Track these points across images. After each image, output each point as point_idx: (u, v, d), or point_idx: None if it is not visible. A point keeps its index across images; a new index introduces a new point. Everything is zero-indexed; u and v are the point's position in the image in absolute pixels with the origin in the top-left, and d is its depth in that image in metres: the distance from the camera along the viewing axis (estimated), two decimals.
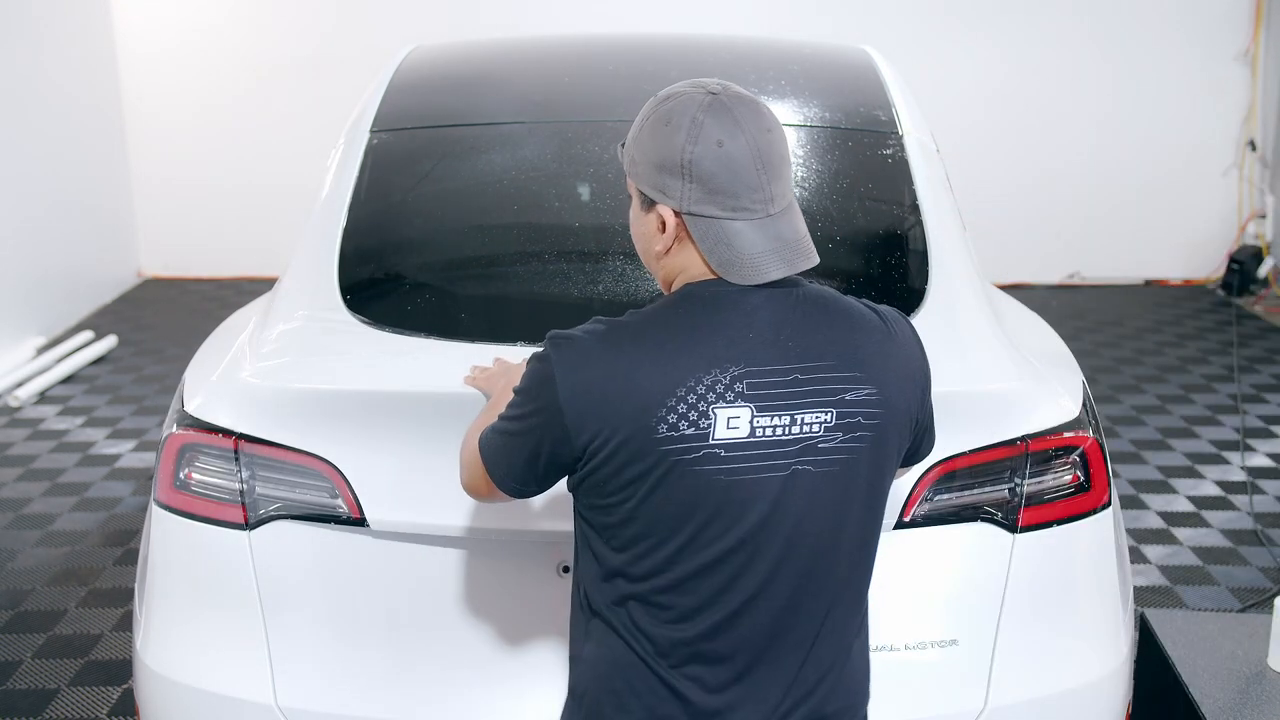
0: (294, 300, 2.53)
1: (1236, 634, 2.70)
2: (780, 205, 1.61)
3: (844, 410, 1.62)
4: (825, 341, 1.63)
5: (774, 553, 1.63)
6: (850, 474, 1.65)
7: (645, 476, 1.59)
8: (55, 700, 3.33)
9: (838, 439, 1.62)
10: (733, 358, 1.59)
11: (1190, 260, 7.74)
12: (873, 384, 1.64)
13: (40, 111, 6.59)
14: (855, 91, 3.10)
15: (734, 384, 1.59)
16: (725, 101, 1.60)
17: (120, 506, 4.50)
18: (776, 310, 1.63)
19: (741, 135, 1.58)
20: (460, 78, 3.26)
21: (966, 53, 7.42)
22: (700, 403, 1.58)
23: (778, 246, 1.60)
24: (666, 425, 1.57)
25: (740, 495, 1.60)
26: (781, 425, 1.60)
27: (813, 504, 1.63)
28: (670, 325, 1.62)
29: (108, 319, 6.92)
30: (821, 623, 1.69)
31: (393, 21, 7.31)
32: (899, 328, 1.72)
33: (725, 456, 1.59)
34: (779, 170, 1.61)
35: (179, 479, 2.25)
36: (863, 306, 1.71)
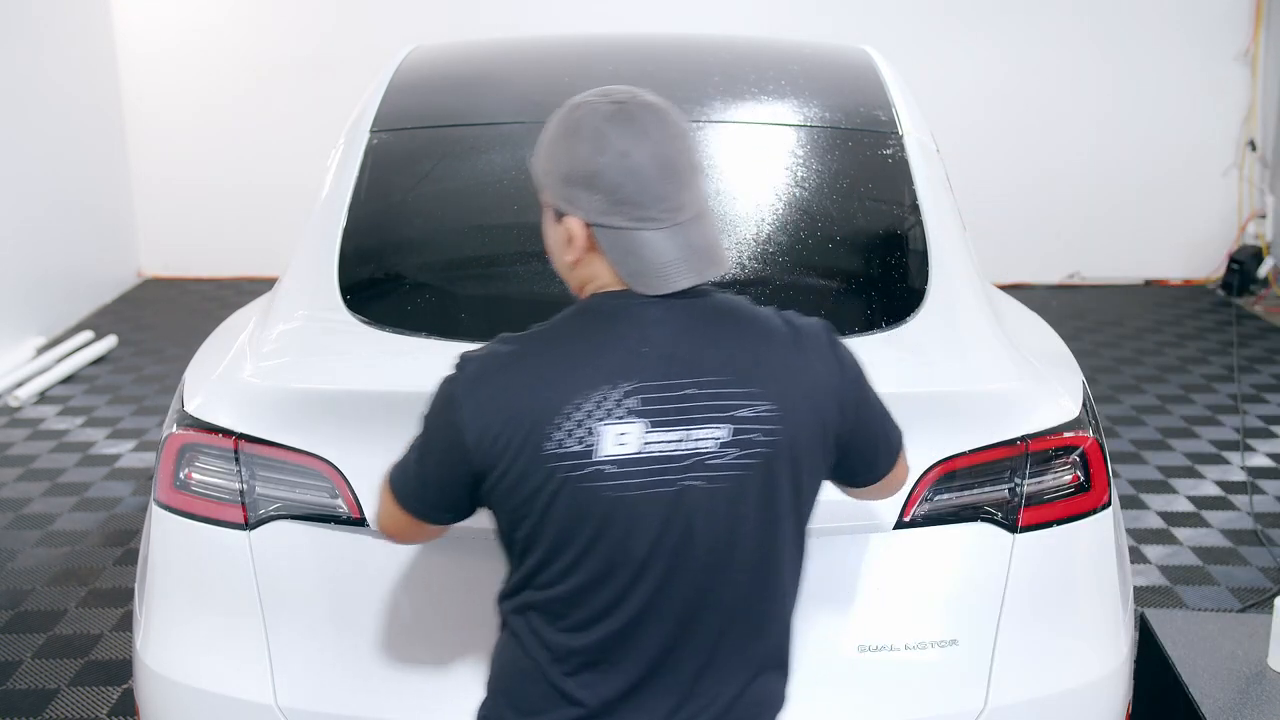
0: (294, 300, 2.53)
1: (1236, 634, 2.70)
2: (689, 213, 1.60)
3: (739, 426, 1.59)
4: (723, 356, 1.61)
5: (664, 569, 1.62)
6: (744, 491, 1.61)
7: (539, 493, 1.60)
8: (55, 700, 3.33)
9: (731, 455, 1.60)
10: (624, 373, 1.59)
11: (1190, 260, 7.74)
12: (771, 399, 1.60)
13: (40, 111, 6.59)
14: (855, 91, 3.10)
15: (624, 400, 1.58)
16: (631, 110, 1.60)
17: (120, 506, 4.50)
18: (675, 323, 1.62)
19: (647, 144, 1.58)
20: (460, 78, 3.26)
21: (966, 53, 7.42)
22: (588, 419, 1.58)
23: (686, 255, 1.60)
24: (553, 442, 1.58)
25: (628, 511, 1.60)
26: (672, 441, 1.59)
27: (705, 521, 1.61)
28: (564, 341, 1.63)
29: (108, 319, 6.92)
30: (715, 642, 1.66)
31: (393, 21, 7.30)
32: (811, 341, 1.67)
33: (612, 473, 1.58)
34: (687, 178, 1.60)
35: (179, 479, 2.25)
36: (775, 318, 1.68)
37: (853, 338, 2.38)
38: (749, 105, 3.01)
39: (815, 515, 2.09)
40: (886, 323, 2.42)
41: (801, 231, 2.66)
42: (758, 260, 2.57)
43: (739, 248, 2.59)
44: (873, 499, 1.93)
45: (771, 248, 2.61)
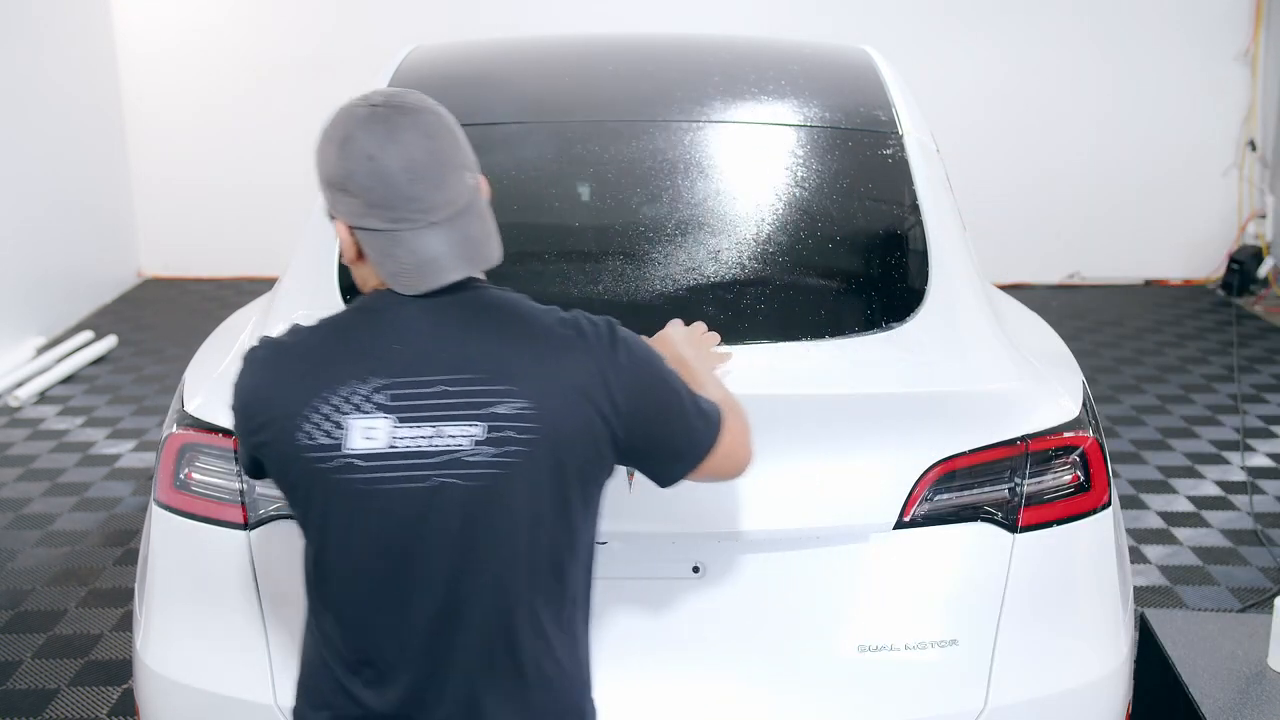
0: (294, 300, 2.53)
1: (1236, 634, 2.70)
2: (444, 214, 1.61)
3: (493, 424, 1.59)
4: (479, 352, 1.61)
5: (424, 565, 1.63)
6: (504, 490, 1.61)
7: (297, 484, 1.64)
8: (55, 700, 3.33)
9: (488, 453, 1.59)
10: (374, 369, 1.61)
11: (1190, 260, 7.74)
12: (526, 397, 1.59)
13: (40, 111, 6.59)
14: (855, 91, 3.10)
15: (373, 395, 1.60)
16: (383, 114, 1.61)
17: (120, 506, 4.50)
18: (432, 321, 1.63)
19: (394, 147, 1.58)
20: (460, 78, 3.26)
21: (966, 53, 7.42)
22: (335, 413, 1.60)
23: (439, 254, 1.61)
24: (304, 434, 1.61)
25: (380, 505, 1.61)
26: (424, 437, 1.59)
27: (462, 519, 1.61)
28: (324, 337, 1.67)
29: (108, 319, 6.92)
30: (482, 643, 1.65)
31: (393, 21, 7.30)
32: (584, 338, 1.65)
33: (362, 466, 1.60)
34: (439, 179, 1.60)
35: (179, 479, 2.25)
36: (545, 316, 1.67)
37: (853, 337, 2.39)
38: (749, 105, 3.01)
39: (814, 515, 2.10)
40: (887, 323, 2.42)
41: (802, 231, 2.66)
42: (758, 260, 2.57)
43: (739, 248, 2.59)
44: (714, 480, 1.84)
45: (772, 248, 2.61)
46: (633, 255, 2.57)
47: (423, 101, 1.65)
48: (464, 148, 1.66)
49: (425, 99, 1.66)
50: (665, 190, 2.71)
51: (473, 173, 1.66)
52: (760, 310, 2.46)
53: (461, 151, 1.65)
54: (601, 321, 1.69)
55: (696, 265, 2.53)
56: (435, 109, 1.65)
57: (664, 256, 2.55)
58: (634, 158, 2.79)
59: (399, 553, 1.63)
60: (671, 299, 2.47)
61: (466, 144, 1.67)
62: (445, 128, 1.64)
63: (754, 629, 2.13)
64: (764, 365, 2.31)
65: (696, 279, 2.51)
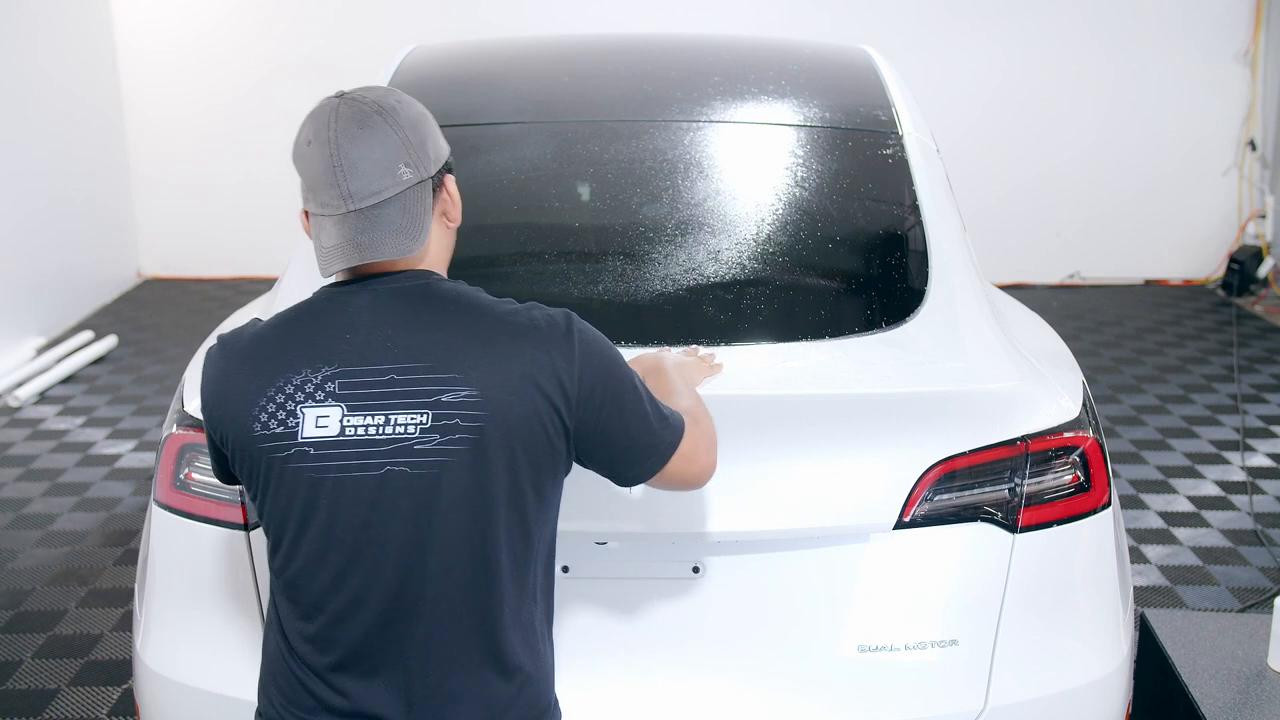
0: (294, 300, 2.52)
1: (1236, 634, 2.70)
2: (362, 203, 1.64)
3: (440, 412, 1.61)
4: (427, 342, 1.64)
5: (377, 553, 1.64)
6: (449, 478, 1.62)
7: (255, 474, 1.67)
8: (55, 700, 3.33)
9: (434, 441, 1.61)
10: (326, 358, 1.64)
11: (1190, 260, 7.74)
12: (473, 386, 1.61)
13: (40, 111, 6.59)
14: (855, 91, 3.10)
15: (324, 384, 1.63)
16: (334, 104, 1.69)
17: (120, 506, 4.50)
18: (383, 310, 1.66)
19: (326, 134, 1.66)
20: (460, 78, 3.26)
21: (966, 53, 7.42)
22: (289, 402, 1.63)
23: (348, 241, 1.64)
24: (259, 424, 1.64)
25: (332, 493, 1.63)
26: (374, 425, 1.62)
27: (411, 507, 1.63)
28: (277, 329, 1.70)
29: (108, 319, 6.92)
30: (438, 634, 1.66)
31: (393, 21, 7.30)
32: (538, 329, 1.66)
33: (315, 454, 1.63)
34: (360, 169, 1.64)
35: (179, 479, 2.25)
36: (497, 307, 1.69)
37: (853, 337, 2.38)
38: (749, 105, 3.01)
39: (814, 515, 2.10)
40: (887, 323, 2.42)
41: (802, 231, 2.66)
42: (758, 260, 2.57)
43: (739, 248, 2.59)
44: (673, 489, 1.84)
45: (772, 248, 2.61)
46: (632, 255, 2.56)
47: (380, 97, 1.70)
48: (406, 144, 1.68)
49: (390, 95, 1.71)
50: (665, 190, 2.71)
51: (415, 169, 1.68)
52: (760, 310, 2.46)
53: (397, 147, 1.67)
54: (558, 313, 1.70)
55: (696, 265, 2.53)
56: (387, 104, 1.69)
57: (664, 257, 2.55)
58: (634, 158, 2.79)
59: (352, 541, 1.65)
60: (671, 299, 2.47)
61: (416, 141, 1.69)
62: (386, 122, 1.67)
63: (754, 629, 2.13)
64: (764, 365, 2.31)
65: (696, 279, 2.51)
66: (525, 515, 1.68)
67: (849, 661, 2.13)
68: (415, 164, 1.69)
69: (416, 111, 1.73)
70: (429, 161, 1.71)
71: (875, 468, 2.14)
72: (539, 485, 1.68)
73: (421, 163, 1.70)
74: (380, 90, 1.73)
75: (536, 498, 1.69)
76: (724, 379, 2.22)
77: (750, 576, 2.13)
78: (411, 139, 1.69)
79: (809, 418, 2.18)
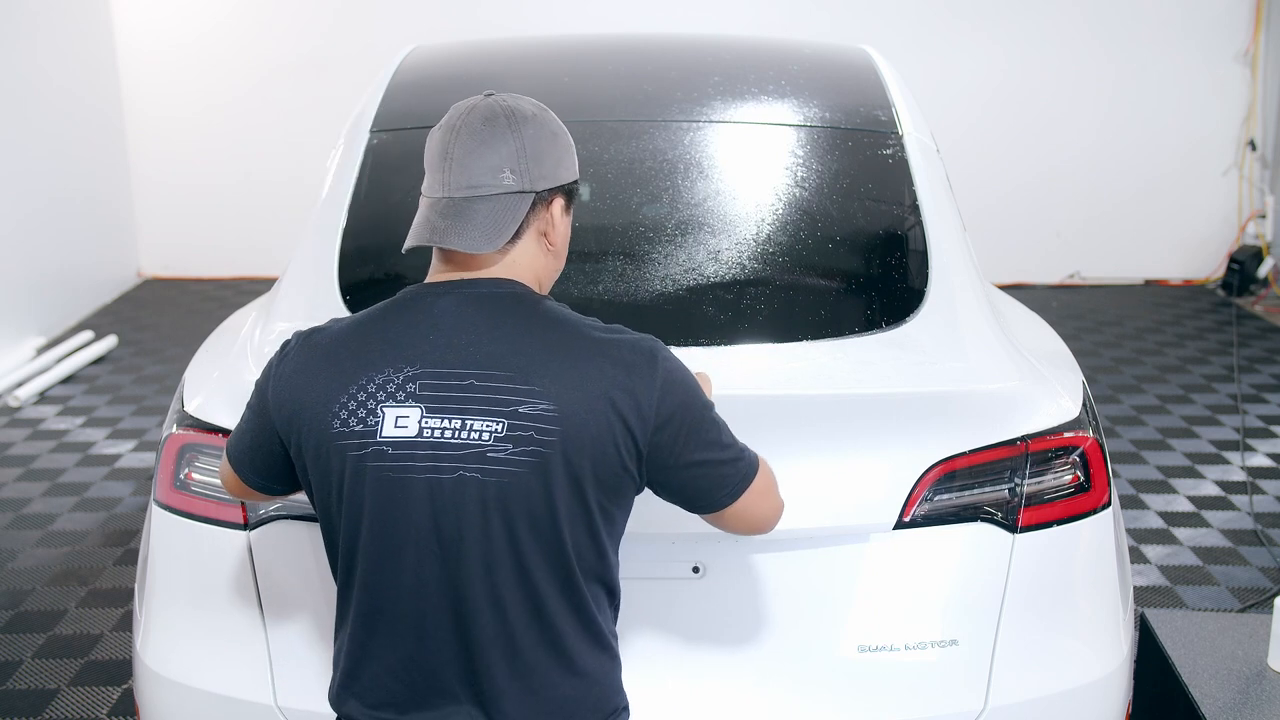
0: (294, 300, 2.53)
1: (1236, 634, 2.70)
2: (457, 193, 1.68)
3: (516, 422, 1.62)
4: (508, 351, 1.64)
5: (445, 555, 1.65)
6: (521, 488, 1.63)
7: (330, 473, 1.68)
8: (55, 700, 3.33)
9: (507, 450, 1.62)
10: (409, 358, 1.66)
11: (1190, 260, 7.74)
12: (550, 400, 1.62)
13: (40, 111, 6.59)
14: (855, 91, 3.10)
15: (406, 384, 1.65)
16: (478, 100, 1.74)
17: (120, 506, 4.50)
18: (467, 314, 1.68)
19: (453, 123, 1.72)
20: (460, 78, 3.26)
21: (966, 52, 7.42)
22: (370, 400, 1.65)
23: (432, 221, 1.68)
24: (339, 421, 1.65)
25: (407, 493, 1.64)
26: (451, 429, 1.63)
27: (482, 513, 1.63)
28: (361, 328, 1.71)
29: (108, 319, 6.92)
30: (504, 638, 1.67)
31: (393, 21, 7.31)
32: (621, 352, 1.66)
33: (392, 454, 1.64)
34: (465, 165, 1.69)
35: (179, 479, 2.25)
36: (582, 325, 1.69)
37: (853, 337, 2.39)
38: (749, 105, 3.01)
39: (814, 515, 2.10)
40: (887, 323, 2.42)
41: (802, 232, 2.66)
42: (758, 261, 2.57)
43: (739, 248, 2.59)
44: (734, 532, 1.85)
45: (772, 248, 2.61)
46: (633, 255, 2.57)
47: (519, 104, 1.75)
48: (522, 153, 1.70)
49: (531, 105, 1.76)
50: (665, 190, 2.71)
51: (520, 178, 1.70)
52: (760, 310, 2.46)
53: (512, 153, 1.69)
54: (644, 338, 1.71)
55: (696, 265, 2.53)
56: (520, 112, 1.73)
57: (664, 256, 2.55)
58: (634, 158, 2.79)
59: (424, 542, 1.65)
60: (671, 299, 2.47)
61: (534, 154, 1.71)
62: (510, 127, 1.71)
63: (754, 629, 2.13)
64: (764, 365, 2.31)
65: (696, 279, 2.51)
66: (592, 529, 1.69)
67: (849, 661, 2.13)
68: (523, 173, 1.70)
69: (551, 130, 1.75)
70: (540, 177, 1.72)
71: (875, 468, 2.15)
72: (605, 504, 1.69)
73: (530, 174, 1.71)
74: (528, 100, 1.76)
75: (604, 515, 1.69)
76: (724, 379, 2.22)
77: (750, 576, 2.13)
78: (529, 149, 1.71)
79: (809, 418, 2.18)
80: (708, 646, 2.13)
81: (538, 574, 1.67)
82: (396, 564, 1.67)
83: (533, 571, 1.66)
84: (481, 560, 1.65)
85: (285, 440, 1.73)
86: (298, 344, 1.74)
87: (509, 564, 1.65)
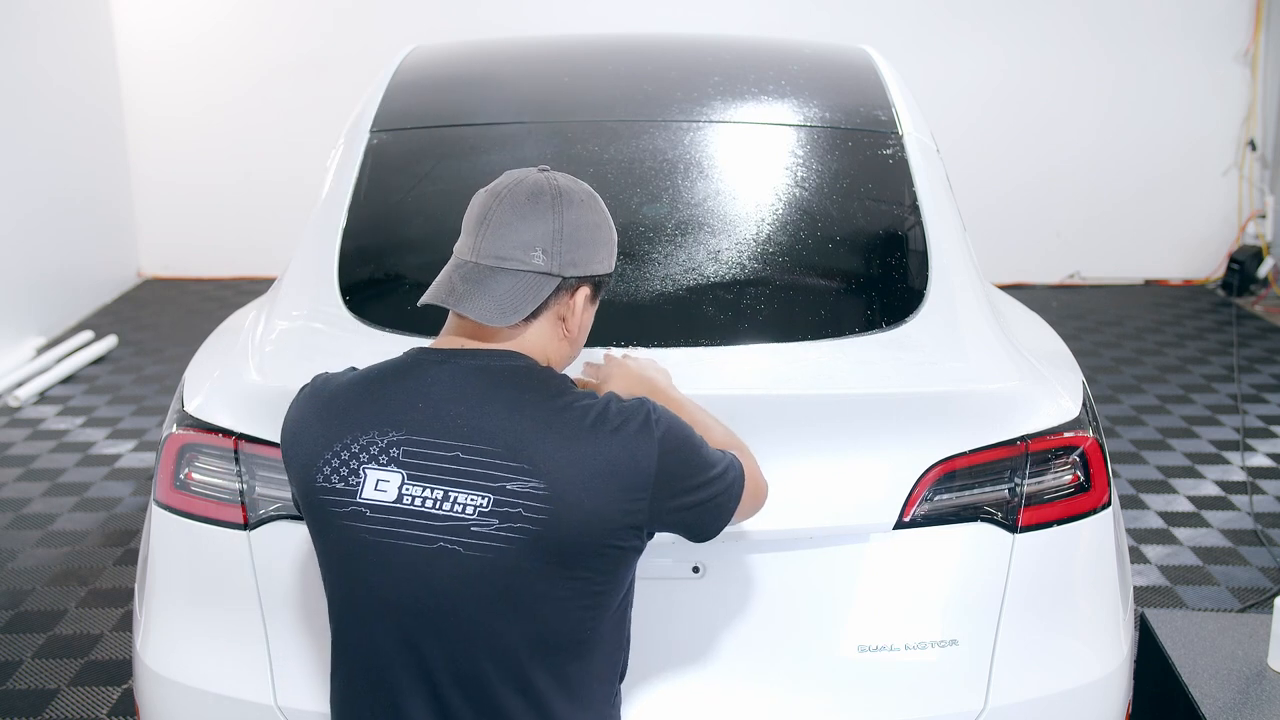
0: (294, 300, 2.53)
1: (1236, 634, 2.70)
2: (484, 260, 1.67)
3: (503, 498, 1.60)
4: (498, 427, 1.62)
5: (423, 626, 1.64)
6: (505, 564, 1.60)
7: (313, 523, 1.70)
8: (55, 700, 3.33)
9: (493, 525, 1.60)
10: (395, 423, 1.65)
11: (1190, 260, 7.74)
12: (540, 479, 1.59)
13: (40, 111, 6.59)
14: (855, 91, 3.10)
15: (389, 448, 1.64)
16: (531, 173, 1.73)
17: (120, 506, 4.50)
18: (461, 385, 1.66)
19: (500, 191, 1.71)
20: (460, 78, 3.26)
21: (966, 52, 7.42)
22: (353, 460, 1.65)
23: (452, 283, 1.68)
24: (322, 476, 1.66)
25: (384, 558, 1.63)
26: (433, 499, 1.62)
27: (461, 586, 1.61)
28: (362, 383, 1.71)
29: (108, 319, 6.92)
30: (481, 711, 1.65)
31: (393, 21, 7.31)
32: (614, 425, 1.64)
33: (371, 517, 1.63)
34: (499, 235, 1.68)
35: (179, 479, 2.25)
36: (579, 399, 1.67)
37: (853, 337, 2.39)
38: (749, 105, 3.01)
39: (814, 515, 2.10)
40: (886, 323, 2.42)
41: (802, 232, 2.66)
42: (758, 261, 2.57)
43: (739, 248, 2.59)
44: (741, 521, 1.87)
45: (772, 248, 2.61)
46: (632, 255, 2.56)
47: (572, 186, 1.73)
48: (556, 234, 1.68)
49: (583, 191, 1.74)
50: (665, 190, 2.71)
51: (549, 260, 1.68)
52: (760, 310, 2.46)
53: (547, 234, 1.68)
54: (634, 405, 1.68)
55: (696, 265, 2.53)
56: (569, 194, 1.71)
57: (664, 257, 2.55)
58: (634, 158, 2.79)
59: (401, 609, 1.64)
60: (671, 299, 2.47)
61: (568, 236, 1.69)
62: (553, 208, 1.69)
63: (754, 629, 2.13)
64: (764, 365, 2.31)
65: (696, 279, 2.51)
66: (590, 601, 1.66)
67: (849, 661, 2.13)
68: (554, 255, 1.68)
69: (594, 220, 1.73)
70: (570, 263, 1.70)
71: (875, 468, 2.14)
72: (604, 575, 1.66)
73: (561, 258, 1.69)
74: (581, 185, 1.75)
75: (603, 585, 1.67)
76: (724, 379, 2.22)
77: (750, 576, 2.13)
78: (565, 233, 1.69)
79: (809, 418, 2.18)
80: (708, 647, 2.13)
81: (517, 652, 1.64)
82: (372, 628, 1.66)
83: (517, 648, 1.64)
84: (462, 633, 1.63)
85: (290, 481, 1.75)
86: (308, 393, 1.75)
87: (491, 639, 1.63)
